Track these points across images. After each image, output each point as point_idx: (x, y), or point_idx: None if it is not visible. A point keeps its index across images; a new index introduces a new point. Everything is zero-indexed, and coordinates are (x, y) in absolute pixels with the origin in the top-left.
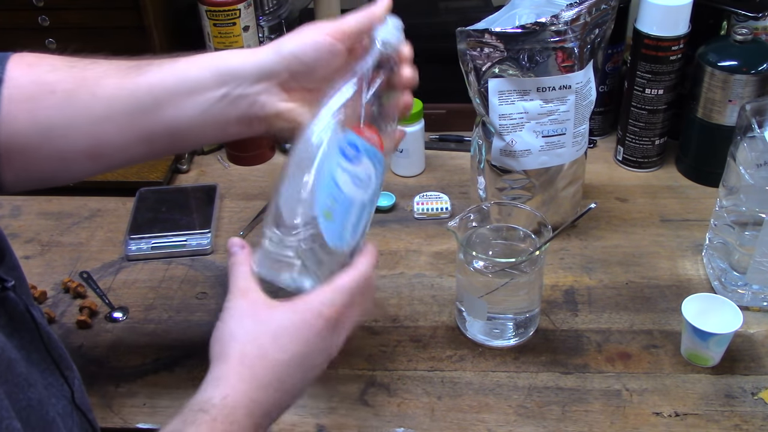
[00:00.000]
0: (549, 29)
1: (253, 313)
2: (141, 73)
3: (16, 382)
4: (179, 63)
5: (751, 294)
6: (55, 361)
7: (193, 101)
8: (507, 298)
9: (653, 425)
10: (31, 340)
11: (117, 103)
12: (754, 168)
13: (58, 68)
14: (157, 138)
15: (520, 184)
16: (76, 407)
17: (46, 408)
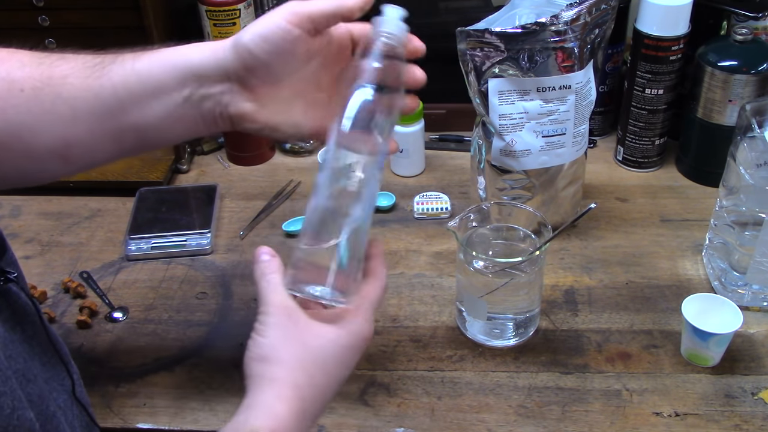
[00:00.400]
0: (549, 29)
1: (299, 336)
2: (104, 73)
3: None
4: (141, 61)
5: (751, 294)
6: (58, 352)
7: (158, 103)
8: (507, 298)
9: (653, 425)
10: (34, 333)
11: (82, 105)
12: (754, 168)
13: (26, 65)
14: (126, 138)
15: (520, 184)
16: (76, 400)
17: (46, 402)
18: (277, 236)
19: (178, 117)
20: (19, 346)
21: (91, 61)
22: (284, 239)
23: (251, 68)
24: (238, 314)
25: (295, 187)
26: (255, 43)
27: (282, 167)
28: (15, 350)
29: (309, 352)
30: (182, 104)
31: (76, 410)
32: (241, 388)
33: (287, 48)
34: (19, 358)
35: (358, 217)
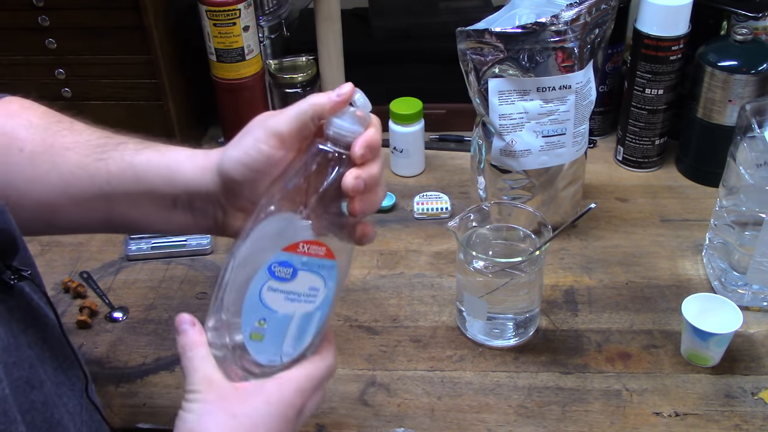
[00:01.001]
0: (549, 29)
1: (224, 407)
2: (104, 157)
3: (17, 385)
4: (139, 158)
5: (751, 294)
6: (75, 353)
7: (149, 202)
8: (507, 298)
9: (653, 425)
10: (46, 335)
11: (75, 181)
12: (754, 168)
13: (33, 126)
14: (114, 223)
15: (520, 184)
16: (90, 401)
17: (51, 410)
18: None
19: (169, 218)
20: (27, 350)
21: (96, 140)
22: None
23: (237, 193)
24: None
25: None
26: (240, 172)
27: None
28: (21, 356)
29: (234, 420)
30: (174, 209)
31: (85, 415)
32: None
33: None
34: (24, 364)
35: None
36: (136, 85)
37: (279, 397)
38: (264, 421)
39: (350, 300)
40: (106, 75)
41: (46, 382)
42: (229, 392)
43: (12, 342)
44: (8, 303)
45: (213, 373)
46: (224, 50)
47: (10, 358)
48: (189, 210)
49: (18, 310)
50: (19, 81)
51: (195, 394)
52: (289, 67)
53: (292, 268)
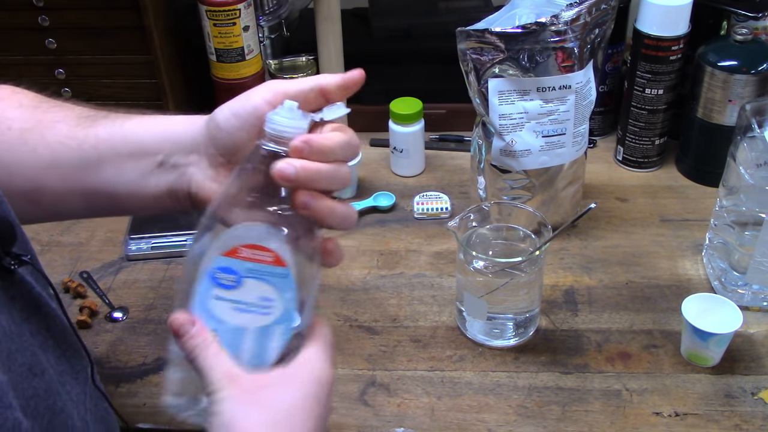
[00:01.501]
0: (549, 29)
1: (254, 400)
2: (92, 125)
3: (19, 372)
4: (129, 122)
5: (751, 294)
6: (80, 340)
7: (133, 165)
8: (507, 298)
9: (653, 425)
10: (48, 324)
11: (63, 152)
12: (754, 168)
13: (23, 106)
14: (96, 197)
15: (520, 184)
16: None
17: (53, 397)
18: None
19: (146, 184)
20: (29, 338)
21: (86, 112)
22: None
23: (218, 143)
24: None
25: None
26: (225, 117)
27: None
28: (23, 343)
29: (268, 412)
30: (154, 170)
31: (90, 403)
32: None
33: (255, 124)
34: (26, 352)
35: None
36: (136, 85)
37: (305, 378)
38: (298, 406)
39: (350, 300)
40: (106, 75)
41: (48, 369)
42: (254, 384)
43: (14, 329)
44: (10, 292)
45: (231, 367)
46: (224, 50)
47: (12, 344)
48: (167, 172)
49: (20, 299)
50: (19, 81)
51: (219, 393)
52: (289, 67)
53: (235, 275)
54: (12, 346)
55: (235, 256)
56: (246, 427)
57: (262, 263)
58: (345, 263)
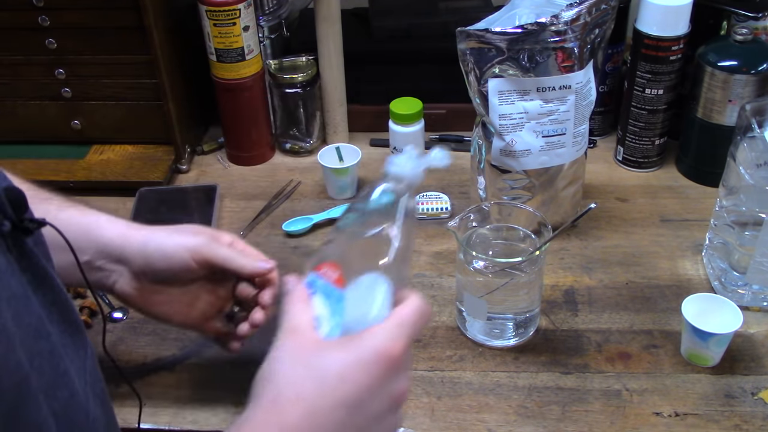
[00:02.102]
0: (549, 29)
1: (300, 356)
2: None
3: (26, 331)
4: (64, 213)
5: (751, 294)
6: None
7: (65, 257)
8: (507, 298)
9: (653, 425)
10: (54, 300)
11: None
12: (754, 168)
13: None
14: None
15: (520, 184)
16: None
17: (57, 360)
18: (277, 236)
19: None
20: (37, 308)
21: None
22: (284, 239)
23: (145, 271)
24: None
25: (296, 186)
26: (157, 259)
27: (282, 167)
28: (31, 307)
29: (305, 369)
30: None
31: (90, 378)
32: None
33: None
34: (33, 316)
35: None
36: (136, 85)
37: (360, 345)
38: (339, 372)
39: None
40: (106, 75)
41: (53, 335)
42: (311, 343)
43: (23, 293)
44: (21, 263)
45: (300, 323)
46: (224, 50)
47: (21, 306)
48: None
49: (29, 271)
50: (19, 81)
51: (277, 341)
52: (289, 67)
53: (312, 290)
54: (20, 308)
55: (317, 272)
56: (274, 374)
57: (328, 281)
58: None
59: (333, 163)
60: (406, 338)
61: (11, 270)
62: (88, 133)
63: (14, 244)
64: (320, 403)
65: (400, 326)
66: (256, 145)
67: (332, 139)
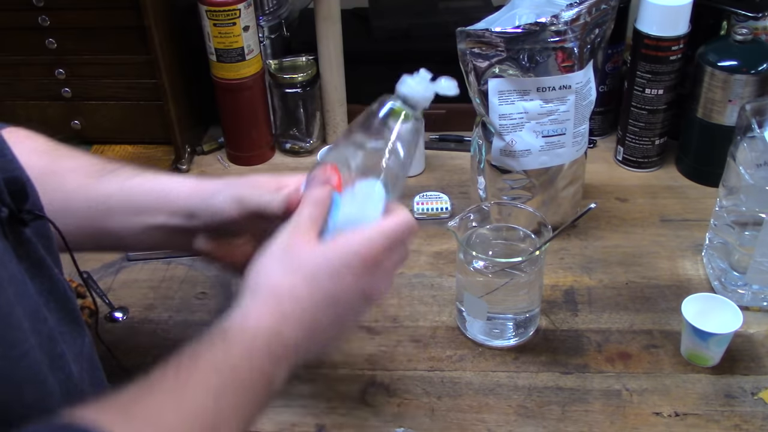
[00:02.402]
0: (549, 29)
1: (292, 252)
2: (103, 180)
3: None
4: (135, 180)
5: (751, 294)
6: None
7: (137, 220)
8: (507, 298)
9: (653, 425)
10: (51, 289)
11: (75, 202)
12: (754, 168)
13: (39, 152)
14: (104, 239)
15: (520, 184)
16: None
17: (54, 343)
18: None
19: (149, 236)
20: (35, 295)
21: (95, 165)
22: None
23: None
24: None
25: None
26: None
27: (282, 167)
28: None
29: (296, 262)
30: (155, 227)
31: (86, 364)
32: None
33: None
34: (31, 300)
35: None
36: (136, 85)
37: (344, 244)
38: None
39: None
40: (106, 75)
41: (50, 320)
42: (305, 240)
43: (22, 279)
44: (18, 250)
45: (302, 221)
46: (224, 50)
47: (20, 290)
48: (169, 231)
49: (27, 259)
50: (19, 81)
51: (277, 234)
52: (289, 67)
53: None
54: (20, 290)
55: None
56: (269, 268)
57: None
58: None
59: None
60: (386, 244)
61: (8, 255)
62: (88, 133)
63: (11, 232)
64: (311, 294)
65: (381, 233)
66: (256, 145)
67: (332, 139)
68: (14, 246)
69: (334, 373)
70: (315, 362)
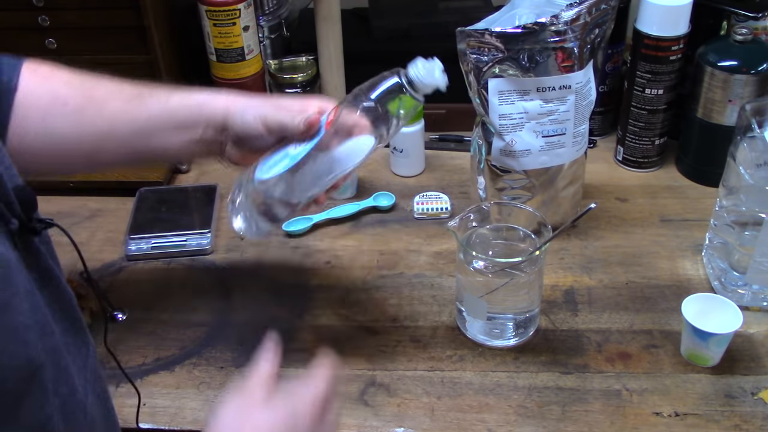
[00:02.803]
0: (549, 29)
1: (242, 408)
2: (142, 102)
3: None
4: (174, 98)
5: (751, 294)
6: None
7: (178, 136)
8: (507, 298)
9: (653, 425)
10: (58, 298)
11: (119, 125)
12: (754, 168)
13: (71, 84)
14: (145, 156)
15: (520, 184)
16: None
17: (59, 356)
18: (277, 236)
19: (189, 150)
20: (43, 307)
21: (129, 89)
22: (284, 239)
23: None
24: (238, 314)
25: None
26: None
27: None
28: (37, 304)
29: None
30: (194, 141)
31: (90, 376)
32: None
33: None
34: (39, 312)
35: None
36: None
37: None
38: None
39: (350, 300)
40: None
41: (57, 333)
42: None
43: (30, 289)
44: (27, 260)
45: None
46: (224, 50)
47: (28, 302)
48: (207, 143)
49: (36, 269)
50: None
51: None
52: (289, 67)
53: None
54: (32, 305)
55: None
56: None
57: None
58: (345, 263)
59: None
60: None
61: (19, 267)
62: None
63: (21, 242)
64: None
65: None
66: None
67: None
68: (24, 256)
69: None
70: None
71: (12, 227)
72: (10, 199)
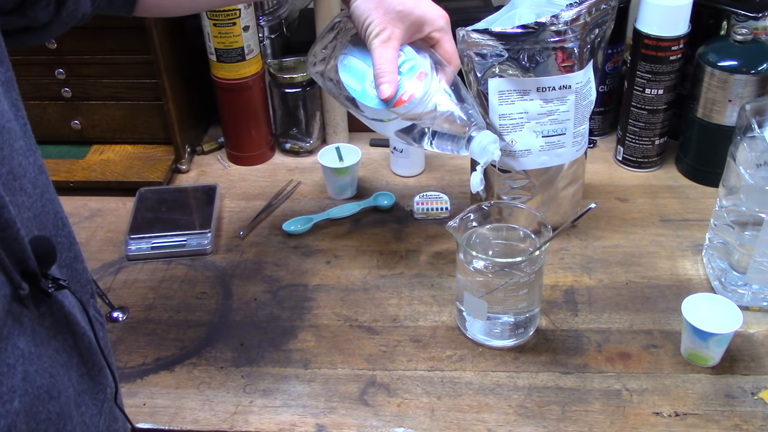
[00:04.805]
0: (549, 29)
1: None
2: None
3: (35, 395)
4: None
5: (751, 294)
6: (106, 360)
7: None
8: (507, 298)
9: (653, 425)
10: (76, 342)
11: None
12: (754, 168)
13: None
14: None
15: (520, 184)
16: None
17: (64, 421)
18: (277, 236)
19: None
20: (51, 358)
21: None
22: (284, 239)
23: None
24: (238, 314)
25: (295, 187)
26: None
27: (282, 167)
28: (43, 365)
29: None
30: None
31: (103, 425)
32: (241, 387)
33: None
34: (45, 374)
35: None
36: (136, 85)
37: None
38: None
39: (350, 300)
40: (106, 75)
41: (66, 390)
42: None
43: (34, 351)
44: (40, 309)
45: None
46: (224, 50)
47: (31, 366)
48: None
49: (49, 317)
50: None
51: None
52: (289, 67)
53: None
54: (30, 368)
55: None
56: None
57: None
58: (345, 263)
59: (333, 163)
60: None
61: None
62: (88, 133)
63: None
64: None
65: None
66: (256, 145)
67: (332, 139)
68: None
69: (334, 373)
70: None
71: (22, 293)
72: (26, 255)
